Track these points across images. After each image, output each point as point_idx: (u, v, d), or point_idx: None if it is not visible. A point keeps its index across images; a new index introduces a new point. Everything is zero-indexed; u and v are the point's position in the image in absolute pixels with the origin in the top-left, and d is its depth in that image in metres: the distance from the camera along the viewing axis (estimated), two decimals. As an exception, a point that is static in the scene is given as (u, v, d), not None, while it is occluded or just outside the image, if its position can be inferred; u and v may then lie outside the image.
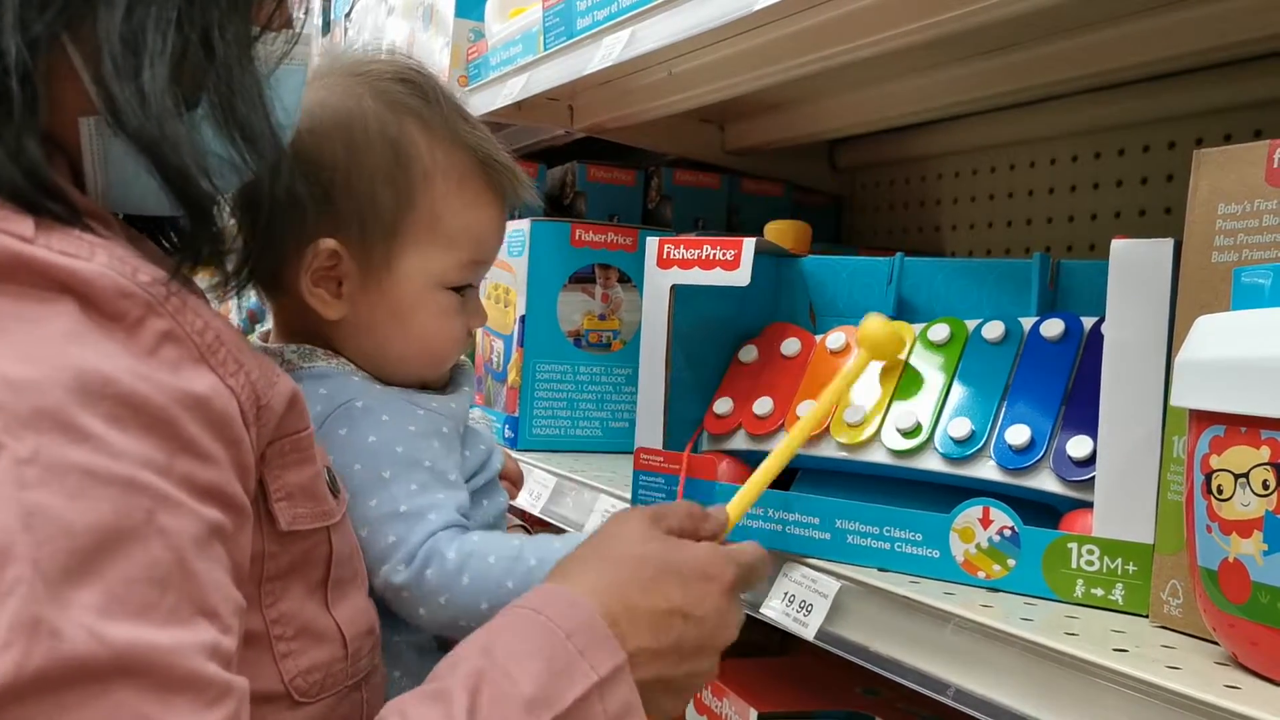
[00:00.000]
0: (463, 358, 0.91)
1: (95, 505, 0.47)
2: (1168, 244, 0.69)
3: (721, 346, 0.98)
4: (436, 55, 1.69)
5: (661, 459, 0.93)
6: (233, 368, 0.55)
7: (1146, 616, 0.69)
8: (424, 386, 0.86)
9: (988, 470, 0.79)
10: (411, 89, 0.83)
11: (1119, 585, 0.71)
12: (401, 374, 0.84)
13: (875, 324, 0.84)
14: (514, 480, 1.01)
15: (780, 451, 0.80)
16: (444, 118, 0.83)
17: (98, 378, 0.49)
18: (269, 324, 0.90)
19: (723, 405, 0.93)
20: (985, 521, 0.75)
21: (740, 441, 0.91)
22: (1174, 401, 0.60)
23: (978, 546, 0.76)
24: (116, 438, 0.48)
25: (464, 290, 0.85)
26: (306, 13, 0.66)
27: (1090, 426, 0.75)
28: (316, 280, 0.81)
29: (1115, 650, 0.61)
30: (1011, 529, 0.74)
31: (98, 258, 0.52)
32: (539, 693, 0.59)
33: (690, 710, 1.14)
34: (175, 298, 0.54)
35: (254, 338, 0.87)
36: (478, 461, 0.86)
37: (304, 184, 0.69)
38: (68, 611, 0.44)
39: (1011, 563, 0.74)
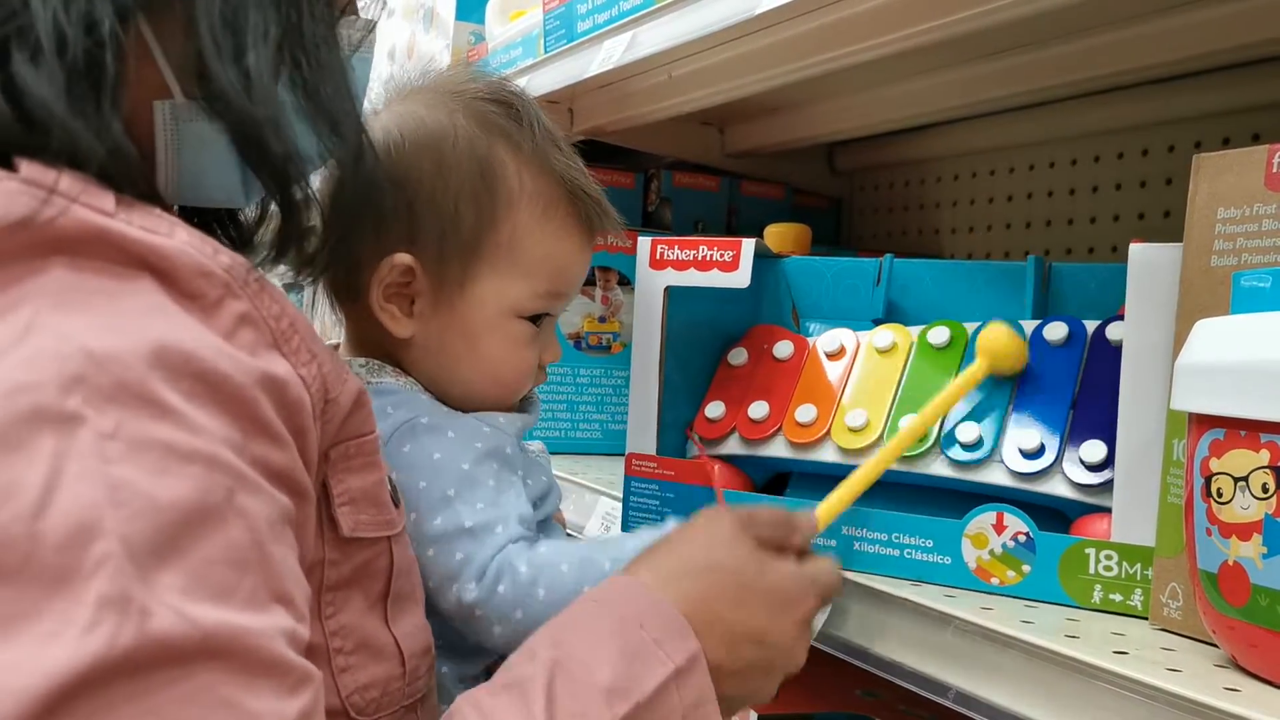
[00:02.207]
0: (534, 390, 0.88)
1: (179, 482, 0.45)
2: (1179, 249, 0.69)
3: (705, 349, 0.97)
4: (436, 58, 1.69)
5: (654, 465, 0.92)
6: (305, 357, 0.54)
7: (1147, 619, 0.69)
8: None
9: (998, 475, 0.79)
10: (505, 110, 0.81)
11: (1138, 590, 0.70)
12: (467, 400, 0.82)
13: (1000, 333, 0.80)
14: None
15: (878, 459, 0.78)
16: (535, 143, 0.81)
17: (179, 352, 0.48)
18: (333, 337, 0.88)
19: (714, 409, 0.93)
20: (999, 527, 0.75)
21: (734, 446, 0.91)
22: (1174, 405, 0.61)
23: (991, 553, 0.75)
24: (197, 414, 0.47)
25: (540, 320, 0.83)
26: (384, 4, 0.66)
27: (1101, 430, 0.75)
28: (389, 295, 0.79)
29: (1115, 653, 0.61)
30: (1026, 535, 0.74)
31: (178, 235, 0.51)
32: (617, 682, 0.57)
33: (690, 712, 1.14)
34: (254, 281, 0.53)
35: None
36: (538, 493, 0.84)
37: (386, 170, 0.66)
38: (155, 591, 0.43)
39: (1026, 569, 0.74)
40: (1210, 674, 0.58)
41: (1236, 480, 0.56)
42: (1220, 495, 0.57)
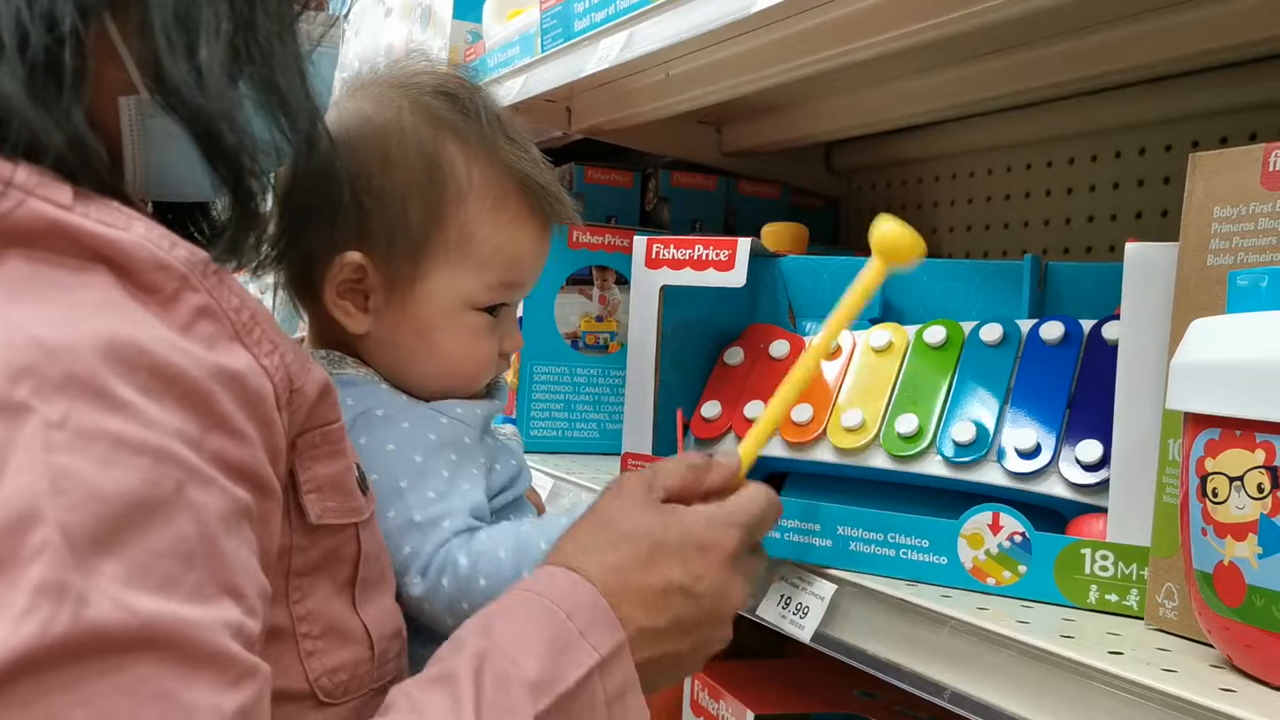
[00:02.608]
0: (501, 377, 0.89)
1: (125, 474, 0.46)
2: (1176, 248, 0.68)
3: (699, 348, 0.97)
4: (434, 55, 1.68)
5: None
6: (268, 348, 0.54)
7: (1143, 620, 0.69)
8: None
9: (993, 475, 0.79)
10: (452, 104, 0.82)
11: (1134, 590, 0.70)
12: (427, 392, 0.83)
13: (890, 226, 0.76)
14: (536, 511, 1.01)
15: (793, 380, 0.76)
16: (483, 135, 0.81)
17: (132, 346, 0.48)
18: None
19: (710, 408, 0.93)
20: (995, 527, 0.75)
21: (730, 445, 0.91)
22: (1169, 404, 0.61)
23: (987, 553, 0.75)
24: (149, 407, 0.47)
25: (497, 310, 0.83)
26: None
27: (1097, 430, 0.75)
28: (342, 292, 0.80)
29: (1111, 653, 0.61)
30: (1022, 535, 0.74)
31: (135, 228, 0.51)
32: (542, 674, 0.58)
33: (686, 711, 1.14)
34: (212, 274, 0.53)
35: None
36: (507, 477, 0.85)
37: (341, 160, 0.68)
38: (93, 579, 0.43)
39: (1022, 569, 0.74)
40: (1206, 674, 0.58)
41: (1232, 480, 0.55)
42: (1215, 495, 0.56)
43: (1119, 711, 0.57)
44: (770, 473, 0.94)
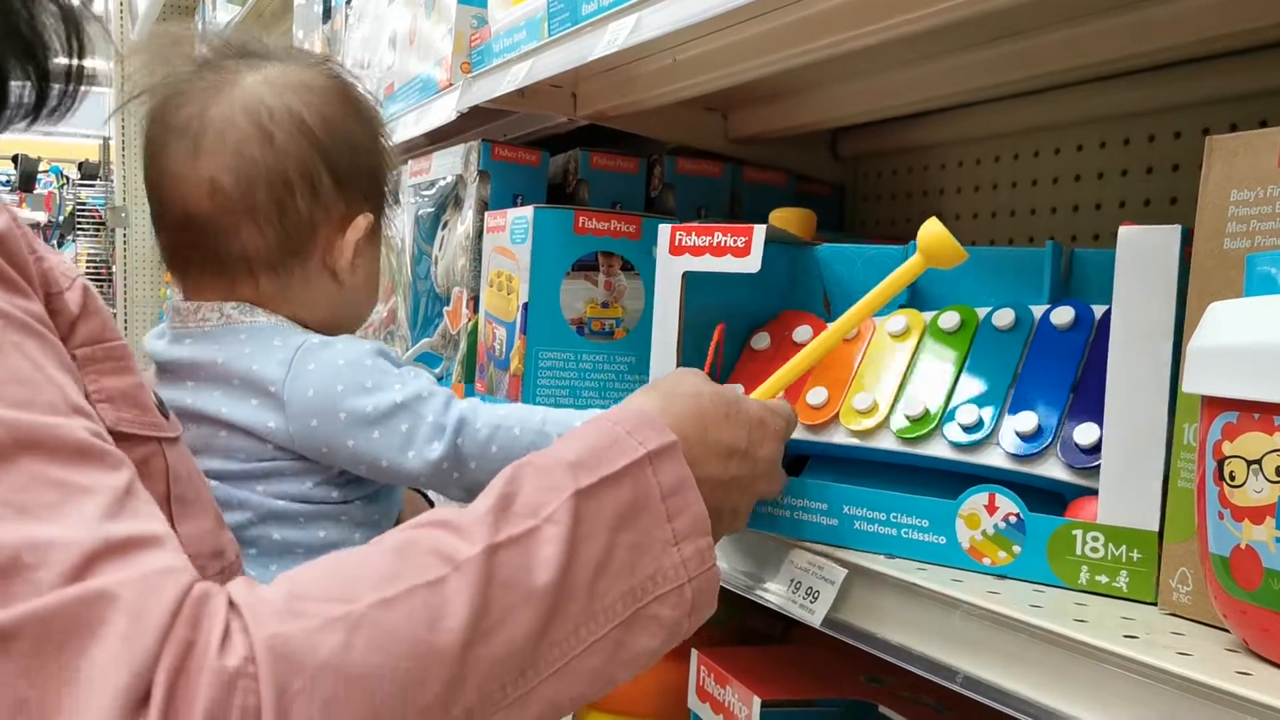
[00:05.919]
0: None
1: None
2: (1175, 231, 0.69)
3: (733, 334, 0.98)
4: (439, 42, 1.68)
5: None
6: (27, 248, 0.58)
7: (1153, 604, 0.69)
8: None
9: (995, 457, 0.79)
10: (340, 76, 0.93)
11: (1123, 572, 0.71)
12: (347, 326, 0.94)
13: (936, 230, 0.82)
14: None
15: (815, 346, 0.83)
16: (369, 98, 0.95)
17: None
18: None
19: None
20: (991, 508, 0.76)
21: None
22: (1186, 388, 0.60)
23: (983, 533, 0.76)
24: None
25: None
26: None
27: (1098, 414, 0.75)
28: (357, 252, 0.90)
29: (1125, 637, 0.61)
30: (1017, 515, 0.75)
31: None
32: (583, 459, 0.63)
33: (692, 697, 1.14)
34: None
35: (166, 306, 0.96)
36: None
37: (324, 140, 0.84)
38: None
39: (1017, 549, 0.75)
40: (1221, 658, 0.58)
41: (1249, 463, 0.55)
42: (1233, 478, 0.56)
43: (1134, 695, 0.57)
44: (793, 455, 0.94)
